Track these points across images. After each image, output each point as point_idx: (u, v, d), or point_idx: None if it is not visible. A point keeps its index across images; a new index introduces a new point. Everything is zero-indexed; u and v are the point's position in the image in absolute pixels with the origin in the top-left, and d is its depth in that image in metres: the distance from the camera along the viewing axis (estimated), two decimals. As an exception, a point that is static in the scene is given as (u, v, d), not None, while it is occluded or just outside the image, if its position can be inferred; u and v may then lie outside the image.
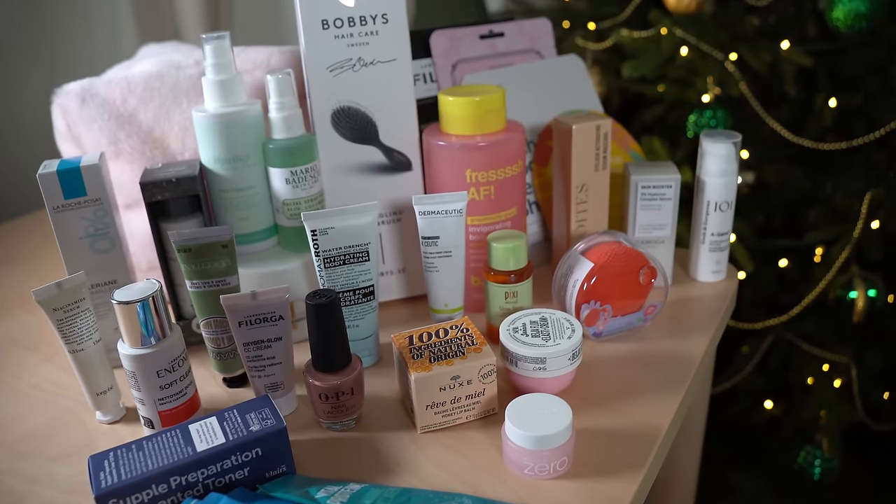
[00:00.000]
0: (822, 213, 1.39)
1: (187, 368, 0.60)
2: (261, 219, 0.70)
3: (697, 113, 1.33)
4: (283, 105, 0.66)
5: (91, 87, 0.72)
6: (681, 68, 1.34)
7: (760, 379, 1.45)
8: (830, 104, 1.34)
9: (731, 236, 0.77)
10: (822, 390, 1.37)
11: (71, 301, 0.59)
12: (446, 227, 0.66)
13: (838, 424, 1.35)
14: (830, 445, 1.35)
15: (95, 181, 0.64)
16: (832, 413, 1.35)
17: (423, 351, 0.59)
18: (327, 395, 0.58)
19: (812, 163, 1.44)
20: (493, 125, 0.69)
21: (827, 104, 1.35)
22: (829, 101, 1.34)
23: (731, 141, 0.73)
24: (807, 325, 1.41)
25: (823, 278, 1.31)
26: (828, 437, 1.35)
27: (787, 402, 1.46)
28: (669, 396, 0.62)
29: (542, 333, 0.61)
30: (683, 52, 1.31)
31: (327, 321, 0.57)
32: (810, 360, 1.40)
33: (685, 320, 0.73)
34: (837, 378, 1.37)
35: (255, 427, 0.54)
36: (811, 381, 1.39)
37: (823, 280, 1.31)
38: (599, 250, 0.68)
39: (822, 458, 1.36)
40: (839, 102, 1.33)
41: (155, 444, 0.53)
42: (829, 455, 1.35)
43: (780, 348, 1.42)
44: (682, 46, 1.31)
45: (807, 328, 1.41)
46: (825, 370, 1.38)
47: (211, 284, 0.62)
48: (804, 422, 1.38)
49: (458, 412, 0.59)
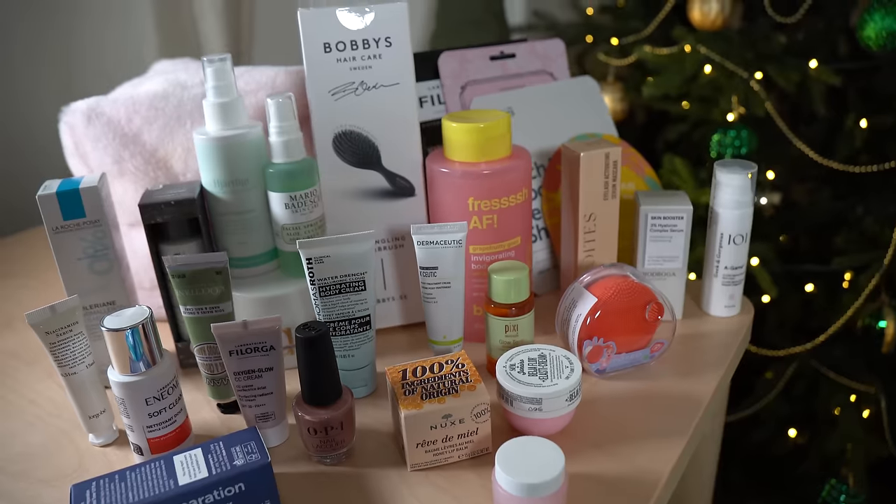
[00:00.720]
0: (850, 237, 1.34)
1: (178, 396, 0.59)
2: (260, 242, 0.69)
3: (721, 133, 1.30)
4: (283, 129, 0.65)
5: (97, 106, 0.72)
6: (705, 86, 1.31)
7: (785, 406, 1.41)
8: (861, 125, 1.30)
9: (745, 269, 0.74)
10: (848, 421, 1.32)
11: (64, 325, 0.59)
12: (445, 257, 0.64)
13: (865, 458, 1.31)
14: (857, 480, 1.30)
15: (94, 203, 0.63)
16: (859, 446, 1.30)
17: (416, 387, 0.58)
18: (316, 430, 0.57)
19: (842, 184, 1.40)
20: (497, 152, 0.67)
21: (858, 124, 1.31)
22: (860, 121, 1.30)
23: (747, 171, 0.71)
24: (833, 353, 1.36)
25: (852, 305, 1.27)
26: (854, 472, 1.31)
27: (811, 431, 1.42)
28: (673, 441, 0.59)
29: (540, 372, 0.59)
30: (707, 71, 1.28)
31: (317, 355, 0.56)
32: (837, 389, 1.35)
33: (695, 357, 0.70)
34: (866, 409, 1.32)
35: (240, 461, 0.53)
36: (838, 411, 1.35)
37: (851, 308, 1.27)
38: (605, 284, 0.66)
39: (847, 492, 1.31)
40: (870, 123, 1.29)
41: (138, 476, 0.52)
42: (854, 490, 1.30)
43: (806, 375, 1.38)
44: (707, 64, 1.28)
45: (833, 356, 1.36)
46: (852, 400, 1.34)
47: (204, 311, 0.61)
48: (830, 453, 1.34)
49: (449, 451, 0.57)
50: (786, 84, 1.26)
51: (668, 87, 1.30)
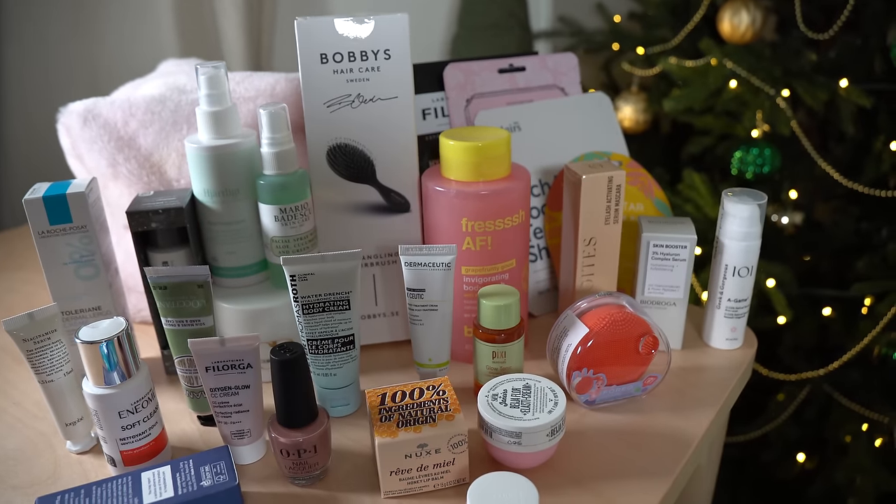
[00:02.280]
0: (873, 262, 1.30)
1: (153, 409, 0.58)
2: (249, 253, 0.68)
3: (743, 150, 1.26)
4: (275, 141, 0.64)
5: (94, 108, 0.72)
6: (729, 102, 1.27)
7: (794, 430, 1.37)
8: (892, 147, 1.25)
9: (749, 302, 0.72)
10: (859, 450, 1.28)
11: (42, 332, 0.58)
12: (433, 280, 0.62)
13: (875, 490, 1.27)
14: (865, 511, 1.26)
15: (81, 209, 0.63)
16: (868, 478, 1.26)
17: (393, 413, 0.56)
18: (289, 452, 0.56)
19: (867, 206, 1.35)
20: (495, 172, 0.65)
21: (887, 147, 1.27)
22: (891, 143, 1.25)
23: (757, 203, 0.68)
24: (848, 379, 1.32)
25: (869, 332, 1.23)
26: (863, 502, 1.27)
27: (821, 456, 1.38)
28: (656, 482, 0.57)
29: (523, 404, 0.57)
30: (732, 86, 1.24)
31: (292, 377, 0.54)
32: (849, 415, 1.31)
33: (689, 393, 0.67)
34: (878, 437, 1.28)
35: (207, 482, 0.52)
36: (848, 438, 1.31)
37: (868, 335, 1.23)
38: (598, 314, 0.64)
39: (855, 526, 1.27)
40: (901, 146, 1.24)
41: (104, 492, 0.52)
42: (862, 524, 1.26)
43: (818, 400, 1.34)
44: (732, 79, 1.24)
45: (847, 382, 1.32)
46: (864, 429, 1.29)
47: (185, 323, 0.60)
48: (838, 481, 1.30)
49: (424, 480, 0.56)
50: (813, 103, 1.21)
51: (692, 101, 1.27)
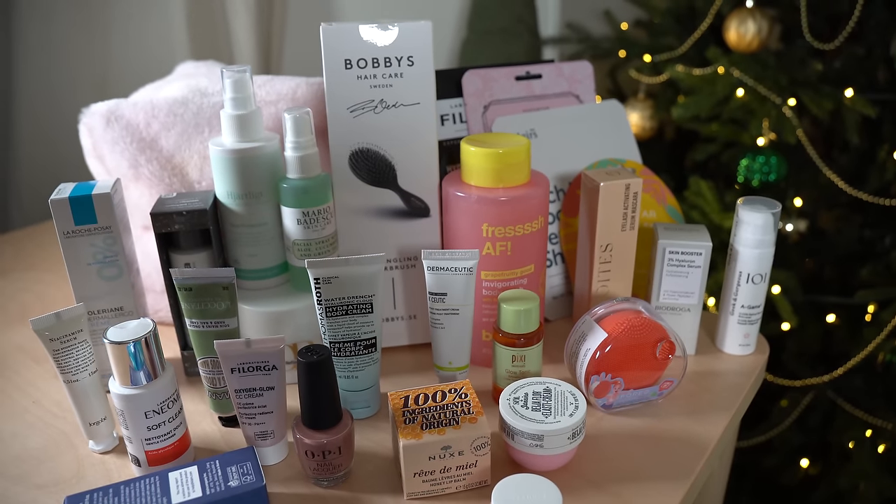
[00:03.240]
0: (877, 270, 1.31)
1: (178, 409, 0.59)
2: (271, 256, 0.69)
3: (750, 158, 1.28)
4: (299, 145, 0.64)
5: (116, 109, 0.72)
6: (736, 110, 1.28)
7: (798, 435, 1.39)
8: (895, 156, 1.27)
9: (762, 309, 0.72)
10: (862, 456, 1.30)
11: (68, 332, 0.59)
12: (455, 284, 0.63)
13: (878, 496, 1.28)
14: (868, 519, 1.27)
15: (106, 209, 0.63)
16: (872, 483, 1.27)
17: (417, 415, 0.57)
18: (313, 453, 0.56)
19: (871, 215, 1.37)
20: (515, 178, 0.66)
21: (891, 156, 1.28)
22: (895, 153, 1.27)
23: (771, 211, 0.69)
24: (851, 386, 1.34)
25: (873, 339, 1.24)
26: (864, 510, 1.28)
27: (824, 462, 1.39)
28: (675, 485, 0.58)
29: (544, 407, 0.58)
30: (739, 94, 1.25)
31: (318, 379, 0.55)
32: (853, 422, 1.32)
33: (704, 397, 0.68)
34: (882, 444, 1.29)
35: (234, 483, 0.52)
36: (852, 444, 1.32)
37: (873, 342, 1.24)
38: (616, 319, 0.64)
39: (857, 530, 1.28)
40: (906, 156, 1.26)
41: (132, 491, 0.52)
42: (866, 529, 1.27)
43: (822, 406, 1.35)
44: (739, 88, 1.25)
45: (851, 388, 1.34)
46: (868, 435, 1.31)
47: (209, 325, 0.61)
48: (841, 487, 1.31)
49: (447, 482, 0.56)
50: (819, 112, 1.23)
51: (699, 109, 1.28)
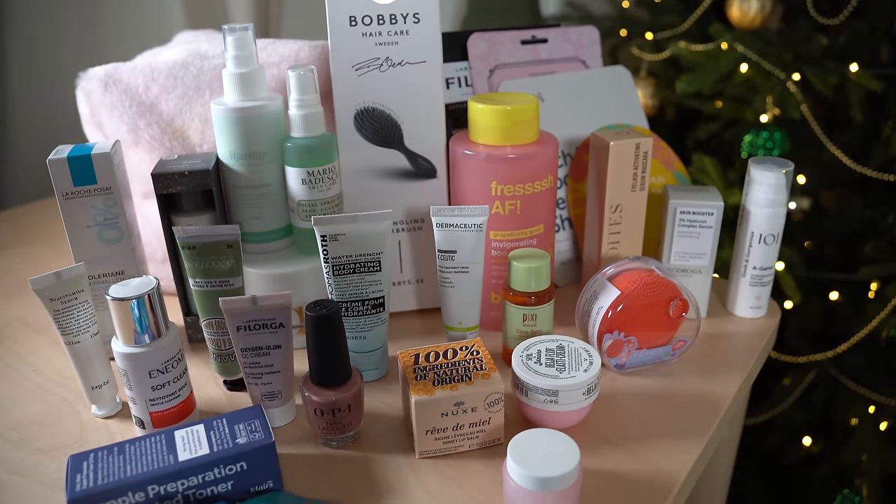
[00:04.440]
0: (880, 246, 1.30)
1: (182, 370, 0.58)
2: (275, 218, 0.67)
3: (753, 133, 1.27)
4: (303, 103, 0.63)
5: (115, 73, 0.71)
6: (739, 86, 1.27)
7: (800, 413, 1.38)
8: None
9: (774, 270, 0.71)
10: (865, 432, 1.29)
11: (69, 292, 0.57)
12: (464, 241, 0.62)
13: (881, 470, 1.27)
14: (871, 492, 1.27)
15: (106, 170, 0.62)
16: (875, 458, 1.27)
17: (428, 372, 0.56)
18: (323, 411, 0.55)
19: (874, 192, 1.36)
20: (524, 136, 0.65)
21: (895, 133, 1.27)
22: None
23: (783, 169, 0.68)
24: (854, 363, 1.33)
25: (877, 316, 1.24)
26: (868, 484, 1.27)
27: (826, 440, 1.38)
28: (692, 442, 0.57)
29: (558, 363, 0.56)
30: (743, 69, 1.24)
31: (327, 334, 0.54)
32: (855, 399, 1.32)
33: (717, 358, 0.67)
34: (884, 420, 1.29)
35: (242, 440, 0.51)
36: (855, 421, 1.31)
37: (876, 318, 1.23)
38: (628, 277, 0.63)
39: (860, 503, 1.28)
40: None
41: (137, 449, 0.51)
42: (868, 502, 1.27)
43: (824, 383, 1.35)
44: (743, 63, 1.24)
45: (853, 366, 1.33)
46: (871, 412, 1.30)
47: (214, 284, 0.60)
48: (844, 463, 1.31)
49: (460, 440, 0.55)
50: (823, 87, 1.22)
51: (703, 85, 1.27)
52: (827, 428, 1.38)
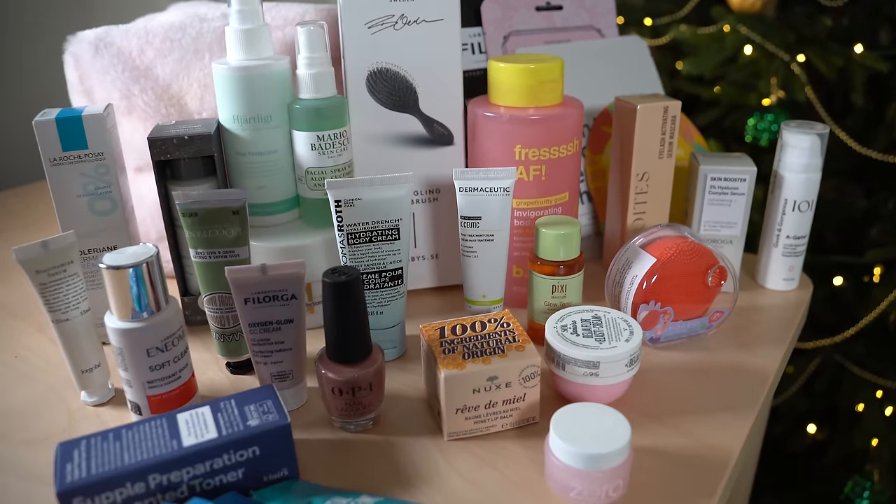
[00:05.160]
0: (884, 230, 1.28)
1: (183, 349, 0.52)
2: (281, 188, 0.63)
3: (757, 116, 1.24)
4: (313, 61, 0.58)
5: (106, 36, 0.66)
6: (741, 69, 1.25)
7: (805, 401, 1.35)
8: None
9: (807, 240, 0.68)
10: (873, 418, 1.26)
11: (57, 264, 0.52)
12: (490, 206, 0.57)
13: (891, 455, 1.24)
14: (882, 477, 1.24)
15: (99, 133, 0.57)
16: (885, 443, 1.24)
17: (456, 345, 0.51)
18: (342, 390, 0.50)
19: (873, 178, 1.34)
20: (548, 98, 0.61)
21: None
22: (902, 111, 1.24)
23: (817, 132, 0.64)
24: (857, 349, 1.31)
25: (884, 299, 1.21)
26: (879, 468, 1.25)
27: (831, 427, 1.36)
28: (741, 416, 0.53)
29: (596, 334, 0.52)
30: (747, 52, 1.22)
31: (346, 303, 0.49)
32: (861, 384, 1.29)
33: (753, 331, 0.63)
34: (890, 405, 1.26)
35: (254, 422, 0.46)
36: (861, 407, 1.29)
37: (885, 301, 1.21)
38: (663, 245, 0.59)
39: (871, 489, 1.25)
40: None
41: (136, 435, 0.45)
42: (880, 487, 1.24)
43: (828, 371, 1.32)
44: (747, 45, 1.22)
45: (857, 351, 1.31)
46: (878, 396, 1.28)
47: (217, 255, 0.55)
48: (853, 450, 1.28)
49: (492, 419, 0.50)
50: (827, 70, 1.20)
51: (705, 68, 1.24)
52: (832, 415, 1.35)
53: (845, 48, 1.20)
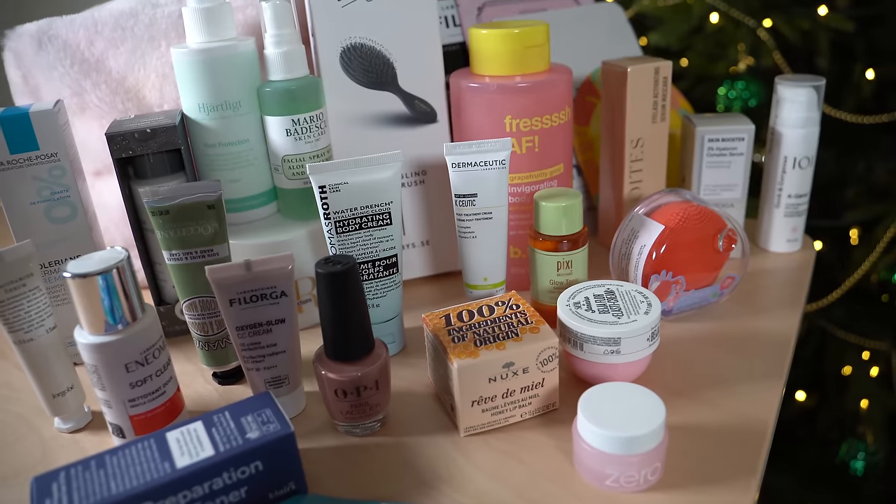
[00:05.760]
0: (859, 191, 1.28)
1: (165, 361, 0.47)
2: (256, 181, 0.58)
3: (728, 84, 1.22)
4: (281, 38, 0.54)
5: (49, 29, 0.60)
6: (709, 39, 1.23)
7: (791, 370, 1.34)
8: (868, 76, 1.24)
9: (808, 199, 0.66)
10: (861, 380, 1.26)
11: (15, 278, 0.46)
12: (486, 182, 0.53)
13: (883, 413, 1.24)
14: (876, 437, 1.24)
15: (50, 132, 0.51)
16: (875, 402, 1.24)
17: (466, 333, 0.47)
18: (346, 391, 0.46)
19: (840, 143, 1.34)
20: (535, 64, 0.57)
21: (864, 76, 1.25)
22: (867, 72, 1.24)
23: (812, 84, 0.62)
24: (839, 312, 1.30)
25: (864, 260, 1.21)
26: (872, 429, 1.24)
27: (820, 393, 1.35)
28: (769, 384, 0.50)
29: (612, 309, 0.49)
30: (713, 20, 1.20)
31: (344, 295, 0.44)
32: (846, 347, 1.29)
33: (764, 295, 0.61)
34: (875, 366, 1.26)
35: (254, 434, 0.41)
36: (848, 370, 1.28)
37: (867, 261, 1.21)
38: (668, 211, 0.56)
39: (866, 451, 1.25)
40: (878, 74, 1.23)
41: (122, 460, 0.40)
42: (874, 447, 1.24)
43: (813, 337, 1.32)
44: (712, 13, 1.20)
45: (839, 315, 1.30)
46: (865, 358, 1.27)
47: (195, 255, 0.50)
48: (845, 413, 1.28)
49: (511, 409, 0.47)
50: (792, 34, 1.19)
51: (672, 39, 1.22)
52: (819, 381, 1.35)
53: (810, 11, 1.19)
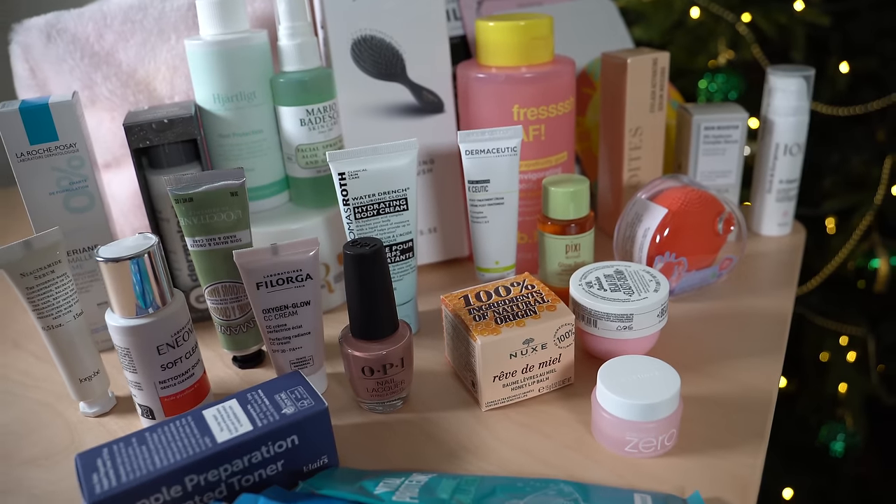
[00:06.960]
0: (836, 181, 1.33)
1: (193, 344, 0.49)
2: (269, 170, 0.59)
3: (709, 77, 1.26)
4: (295, 30, 0.55)
5: (58, 22, 0.61)
6: (690, 33, 1.26)
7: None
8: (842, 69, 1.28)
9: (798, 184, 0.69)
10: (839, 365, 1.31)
11: (44, 264, 0.47)
12: (498, 168, 0.55)
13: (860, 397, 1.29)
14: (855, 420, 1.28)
15: (69, 122, 0.52)
16: (854, 387, 1.28)
17: (486, 311, 0.49)
18: (372, 369, 0.47)
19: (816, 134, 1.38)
20: (540, 55, 0.59)
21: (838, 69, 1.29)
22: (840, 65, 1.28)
23: (803, 74, 0.65)
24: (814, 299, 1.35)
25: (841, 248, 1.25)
26: (850, 412, 1.29)
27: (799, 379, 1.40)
28: (770, 358, 0.52)
29: (623, 287, 0.51)
30: (694, 15, 1.23)
31: (371, 276, 0.46)
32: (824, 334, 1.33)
33: (760, 276, 0.64)
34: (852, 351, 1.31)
35: (289, 409, 0.43)
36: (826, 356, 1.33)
37: (844, 249, 1.25)
38: (669, 196, 0.59)
39: (845, 433, 1.29)
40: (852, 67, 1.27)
41: (162, 437, 0.41)
42: (853, 430, 1.28)
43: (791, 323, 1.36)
44: (693, 8, 1.23)
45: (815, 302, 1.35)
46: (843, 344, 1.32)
47: (218, 241, 0.51)
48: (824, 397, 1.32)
49: (529, 383, 0.49)
50: (768, 28, 1.22)
51: (655, 33, 1.25)
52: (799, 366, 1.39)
53: (787, 5, 1.23)
